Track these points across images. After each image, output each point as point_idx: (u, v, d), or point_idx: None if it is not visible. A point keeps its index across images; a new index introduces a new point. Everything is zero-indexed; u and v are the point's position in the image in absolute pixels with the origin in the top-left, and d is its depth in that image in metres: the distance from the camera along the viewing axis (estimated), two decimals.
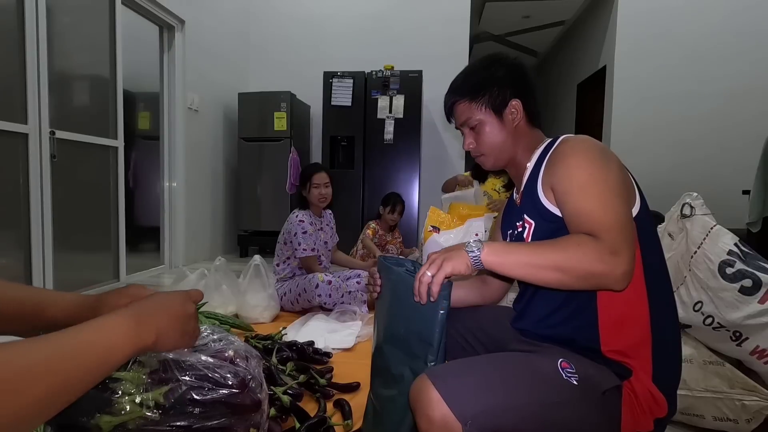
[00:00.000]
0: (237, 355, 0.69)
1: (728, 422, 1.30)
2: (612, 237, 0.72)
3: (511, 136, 0.97)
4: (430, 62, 4.29)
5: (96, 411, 0.58)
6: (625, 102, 4.43)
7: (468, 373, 0.72)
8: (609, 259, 0.71)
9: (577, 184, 0.80)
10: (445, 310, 0.78)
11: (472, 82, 0.98)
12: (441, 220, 2.08)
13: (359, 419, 1.23)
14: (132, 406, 0.59)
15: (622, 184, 0.81)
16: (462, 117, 0.99)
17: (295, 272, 2.54)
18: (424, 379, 0.71)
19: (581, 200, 0.78)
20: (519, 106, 0.96)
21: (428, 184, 4.36)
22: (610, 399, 0.78)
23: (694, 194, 1.41)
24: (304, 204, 2.58)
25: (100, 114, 2.90)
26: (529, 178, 0.94)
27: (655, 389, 0.80)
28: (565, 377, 0.74)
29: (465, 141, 1.01)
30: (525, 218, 0.93)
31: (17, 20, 2.30)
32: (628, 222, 0.76)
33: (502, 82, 0.96)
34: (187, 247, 3.77)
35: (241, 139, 4.18)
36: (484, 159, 1.00)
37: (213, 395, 0.63)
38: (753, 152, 2.75)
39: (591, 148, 0.84)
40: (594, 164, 0.81)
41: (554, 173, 0.85)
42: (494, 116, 0.96)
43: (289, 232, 2.49)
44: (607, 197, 0.77)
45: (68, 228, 2.62)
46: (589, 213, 0.76)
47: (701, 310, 1.32)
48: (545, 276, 0.73)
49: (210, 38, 4.01)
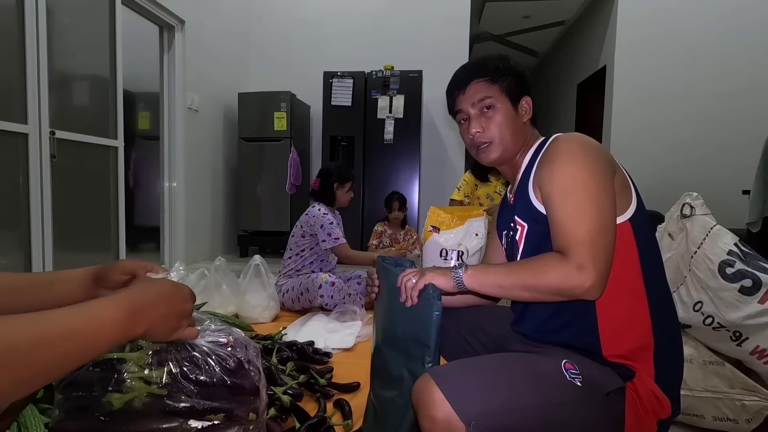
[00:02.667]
0: (236, 342, 0.72)
1: (728, 422, 1.30)
2: (579, 251, 0.75)
3: (519, 131, 0.96)
4: (430, 62, 4.29)
5: (107, 389, 0.62)
6: (625, 102, 4.43)
7: (471, 372, 0.72)
8: (575, 274, 0.74)
9: (558, 190, 0.81)
10: (439, 311, 0.79)
11: (494, 65, 0.96)
12: (441, 220, 2.08)
13: (359, 419, 1.23)
14: (138, 383, 0.62)
15: (606, 188, 0.80)
16: (477, 95, 0.95)
17: (304, 266, 2.54)
18: (427, 379, 0.71)
19: (558, 209, 0.80)
20: (530, 103, 0.97)
21: (428, 184, 4.36)
22: (614, 400, 0.78)
23: (694, 194, 1.41)
24: (327, 199, 2.58)
25: (100, 114, 2.90)
26: (522, 177, 0.94)
27: (658, 390, 0.80)
28: (569, 378, 0.74)
29: (471, 126, 0.96)
30: (517, 220, 0.93)
31: (17, 20, 2.29)
32: (601, 233, 0.76)
33: (519, 76, 0.96)
34: (187, 247, 3.77)
35: (241, 139, 4.18)
36: (489, 149, 0.97)
37: (213, 377, 0.66)
38: (753, 152, 2.75)
39: (577, 149, 0.83)
40: (578, 168, 0.81)
41: (542, 174, 0.86)
42: (510, 104, 0.95)
43: (311, 225, 2.49)
44: (582, 207, 0.78)
45: (68, 228, 2.62)
46: (563, 224, 0.79)
47: (701, 310, 1.32)
48: (519, 294, 0.80)
49: (210, 38, 4.01)
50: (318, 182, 2.60)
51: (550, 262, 0.77)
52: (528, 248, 0.90)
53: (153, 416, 0.62)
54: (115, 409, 0.62)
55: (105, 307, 0.51)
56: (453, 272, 0.83)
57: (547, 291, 0.76)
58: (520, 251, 0.92)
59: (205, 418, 0.65)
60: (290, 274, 2.53)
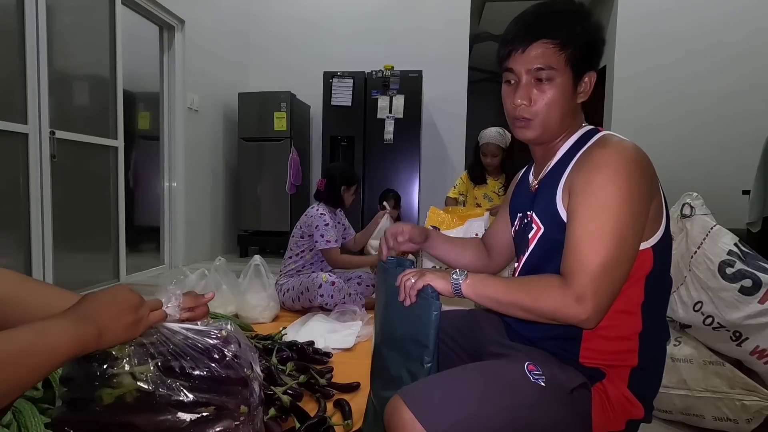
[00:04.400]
0: (228, 337, 0.73)
1: (728, 422, 1.30)
2: (583, 282, 0.72)
3: (569, 113, 0.84)
4: (430, 62, 4.28)
5: (98, 385, 0.65)
6: (625, 102, 4.43)
7: (438, 387, 0.72)
8: (572, 305, 0.72)
9: (586, 207, 0.75)
10: (438, 311, 0.79)
11: (571, 25, 0.80)
12: (441, 220, 2.08)
13: (359, 419, 1.23)
14: (126, 378, 0.65)
15: (637, 218, 0.75)
16: (537, 61, 0.80)
17: (304, 266, 2.54)
18: (396, 400, 0.71)
19: (579, 227, 0.75)
20: (593, 80, 0.84)
21: (428, 184, 4.36)
22: (579, 399, 0.78)
23: (694, 194, 1.41)
24: (332, 200, 2.58)
25: (100, 114, 2.90)
26: (554, 169, 0.87)
27: (630, 394, 0.80)
28: (532, 380, 0.74)
29: (518, 95, 0.82)
30: (535, 219, 0.88)
31: (17, 20, 2.30)
32: (613, 267, 0.73)
33: (594, 45, 0.82)
34: (187, 247, 3.77)
35: (241, 139, 4.17)
36: (527, 126, 0.84)
37: (197, 369, 0.68)
38: (753, 152, 2.74)
39: (623, 168, 0.75)
40: (615, 190, 0.74)
41: (577, 180, 0.79)
42: (571, 79, 0.81)
43: (309, 226, 2.49)
44: (604, 234, 0.73)
45: (68, 228, 2.62)
46: (577, 247, 0.75)
47: (701, 310, 1.32)
48: (514, 313, 0.78)
49: (210, 38, 4.01)
50: (323, 183, 2.59)
51: (550, 287, 0.75)
52: (537, 252, 0.88)
53: (144, 410, 0.65)
54: (106, 403, 0.65)
55: (55, 321, 0.56)
56: (453, 278, 0.80)
57: (542, 315, 0.75)
58: (529, 251, 0.89)
59: (195, 410, 0.67)
60: (290, 273, 2.53)
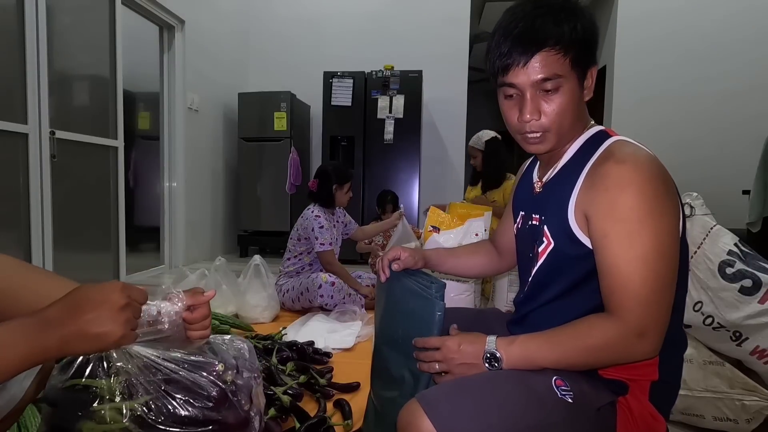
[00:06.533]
0: (227, 365, 0.66)
1: (728, 422, 1.30)
2: (642, 315, 0.67)
3: (580, 115, 0.79)
4: (430, 62, 4.29)
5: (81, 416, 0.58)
6: (625, 102, 4.43)
7: (461, 396, 0.68)
8: (636, 343, 0.68)
9: (623, 233, 0.68)
10: (442, 311, 0.78)
11: (570, 26, 0.72)
12: (441, 220, 2.08)
13: (359, 419, 1.23)
14: (113, 415, 0.58)
15: (674, 232, 0.70)
16: (542, 72, 0.72)
17: (304, 268, 2.54)
18: (414, 406, 0.67)
19: (618, 255, 0.68)
20: (595, 74, 0.78)
21: (428, 184, 4.36)
22: (605, 416, 0.76)
23: (694, 194, 1.41)
24: (325, 200, 2.53)
25: (100, 114, 2.90)
26: (560, 173, 0.82)
27: (653, 409, 0.78)
28: (560, 396, 0.71)
29: (526, 110, 0.75)
30: (546, 233, 0.81)
31: (17, 20, 2.29)
32: (666, 290, 0.68)
33: (593, 40, 0.76)
34: (187, 247, 3.77)
35: (241, 139, 4.18)
36: (545, 139, 0.77)
37: (193, 410, 0.60)
38: (753, 152, 2.74)
39: (647, 184, 0.68)
40: (647, 208, 0.68)
41: (595, 202, 0.72)
42: (578, 81, 0.75)
43: (305, 228, 2.47)
44: (650, 258, 0.67)
45: (68, 228, 2.62)
46: (624, 277, 0.68)
47: (701, 310, 1.32)
48: (574, 368, 0.73)
49: (210, 38, 4.01)
50: (315, 183, 2.54)
51: (604, 332, 0.69)
52: (546, 268, 0.82)
53: None
54: None
55: (12, 326, 0.50)
56: (487, 363, 0.72)
57: (606, 365, 0.72)
58: (539, 264, 0.84)
59: None
60: (290, 273, 2.53)
